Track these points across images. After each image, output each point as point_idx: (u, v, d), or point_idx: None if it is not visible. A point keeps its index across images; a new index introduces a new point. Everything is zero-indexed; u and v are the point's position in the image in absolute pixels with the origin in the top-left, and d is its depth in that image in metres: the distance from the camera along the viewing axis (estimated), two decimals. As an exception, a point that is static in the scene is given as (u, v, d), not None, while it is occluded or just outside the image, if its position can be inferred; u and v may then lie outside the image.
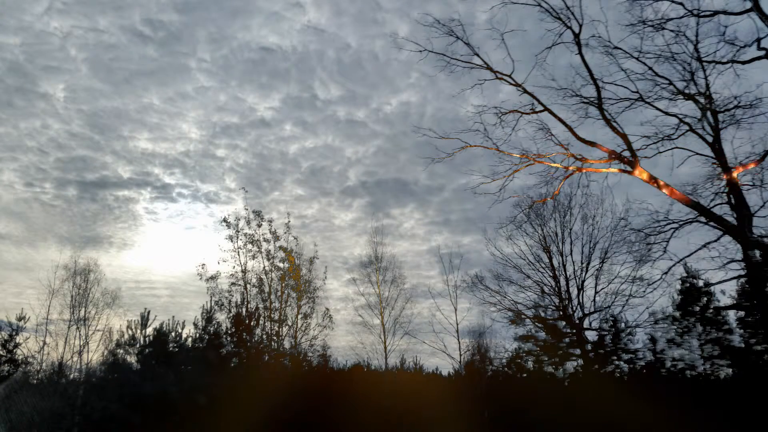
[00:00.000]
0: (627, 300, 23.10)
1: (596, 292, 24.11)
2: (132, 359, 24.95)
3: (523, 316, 25.52)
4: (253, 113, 58.51)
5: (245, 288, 27.79)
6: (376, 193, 59.10)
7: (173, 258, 65.27)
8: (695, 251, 15.23)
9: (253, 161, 58.75)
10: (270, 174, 59.07)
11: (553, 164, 15.90)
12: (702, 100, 15.40)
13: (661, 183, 14.61)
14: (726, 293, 22.45)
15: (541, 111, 16.02)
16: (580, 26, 15.42)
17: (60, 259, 38.20)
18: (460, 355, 28.42)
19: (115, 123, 54.26)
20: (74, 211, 52.32)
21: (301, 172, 58.91)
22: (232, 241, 28.54)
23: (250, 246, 28.61)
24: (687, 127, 15.57)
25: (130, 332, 24.97)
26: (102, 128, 53.88)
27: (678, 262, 15.94)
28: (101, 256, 52.43)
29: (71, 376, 26.06)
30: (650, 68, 15.54)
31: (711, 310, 22.44)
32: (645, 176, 14.85)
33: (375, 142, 59.95)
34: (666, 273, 16.05)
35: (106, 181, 52.11)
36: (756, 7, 13.92)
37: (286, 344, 27.57)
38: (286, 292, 28.42)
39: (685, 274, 23.01)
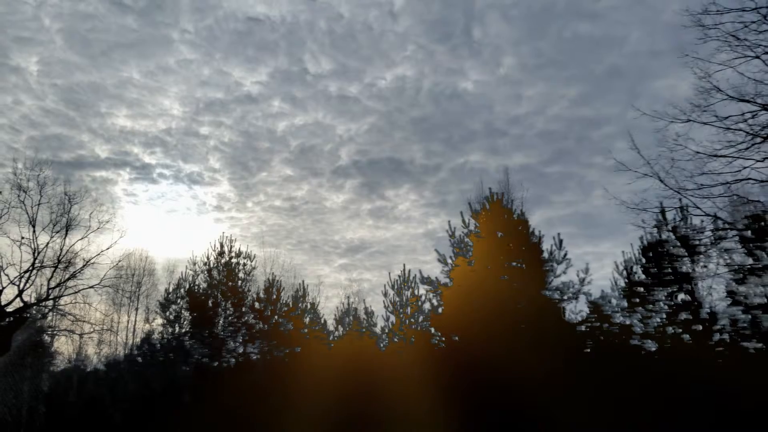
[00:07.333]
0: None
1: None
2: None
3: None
4: (238, 88, 54.84)
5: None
6: (369, 173, 56.16)
7: (155, 243, 62.15)
8: None
9: (239, 139, 55.33)
10: (257, 153, 56.17)
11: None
12: None
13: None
14: None
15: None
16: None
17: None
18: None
19: (92, 99, 51.09)
20: (48, 193, 51.49)
21: (290, 151, 55.70)
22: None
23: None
24: None
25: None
26: (78, 104, 50.98)
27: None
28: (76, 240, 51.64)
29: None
30: None
31: None
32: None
33: (368, 119, 56.62)
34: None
35: (83, 161, 48.98)
36: None
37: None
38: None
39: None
